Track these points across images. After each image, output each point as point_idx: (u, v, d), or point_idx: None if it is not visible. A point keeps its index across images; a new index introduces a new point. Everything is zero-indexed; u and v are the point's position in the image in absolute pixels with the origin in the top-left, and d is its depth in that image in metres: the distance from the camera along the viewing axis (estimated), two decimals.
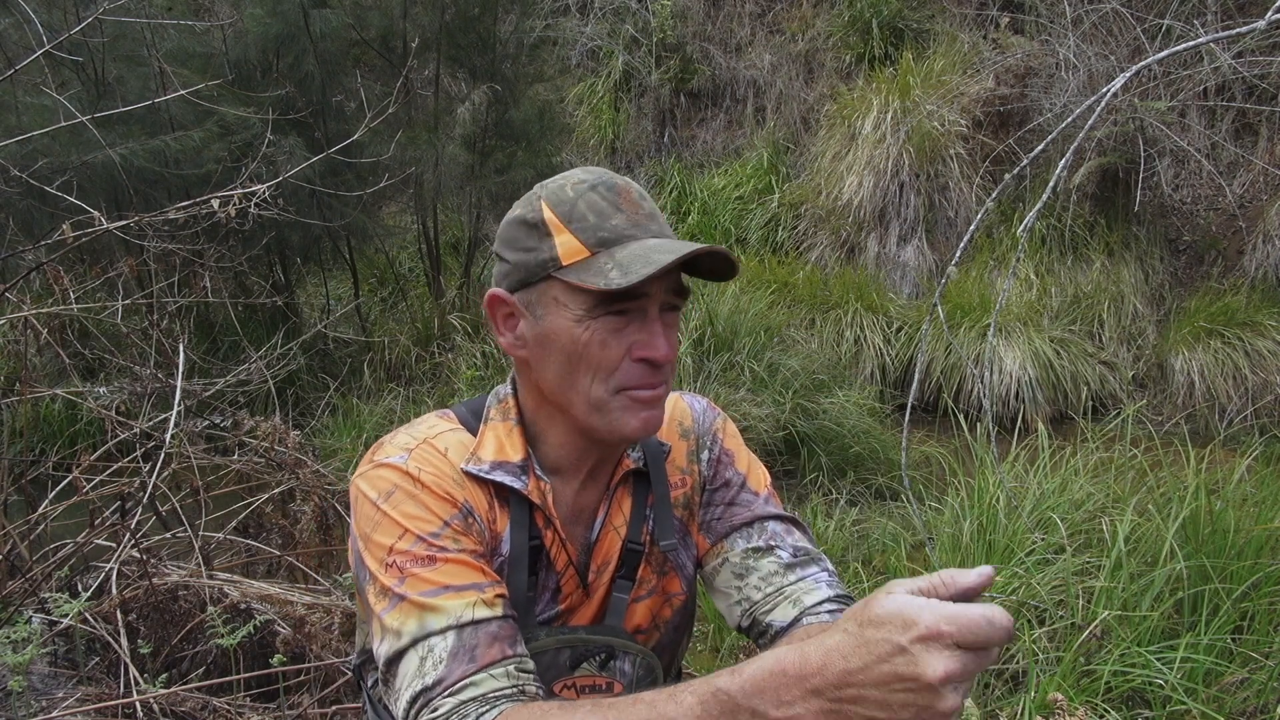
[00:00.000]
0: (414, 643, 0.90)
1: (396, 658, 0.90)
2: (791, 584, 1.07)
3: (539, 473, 1.06)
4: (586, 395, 0.97)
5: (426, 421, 1.08)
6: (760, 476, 1.17)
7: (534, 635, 1.02)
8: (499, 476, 1.02)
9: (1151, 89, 6.05)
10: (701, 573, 1.16)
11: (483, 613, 0.91)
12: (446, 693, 0.86)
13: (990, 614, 0.60)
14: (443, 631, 0.89)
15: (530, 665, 0.93)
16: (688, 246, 0.92)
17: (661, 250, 0.91)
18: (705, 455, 1.16)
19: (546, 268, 0.96)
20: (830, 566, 1.12)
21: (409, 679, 0.89)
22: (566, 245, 0.95)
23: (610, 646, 1.06)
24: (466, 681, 0.87)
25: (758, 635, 1.08)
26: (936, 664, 0.60)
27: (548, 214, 0.97)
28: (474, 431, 1.07)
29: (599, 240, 0.94)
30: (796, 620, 1.04)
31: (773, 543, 1.10)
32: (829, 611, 1.04)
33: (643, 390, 0.97)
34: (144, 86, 4.81)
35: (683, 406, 1.19)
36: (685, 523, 1.14)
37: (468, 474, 1.02)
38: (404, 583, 0.92)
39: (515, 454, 1.05)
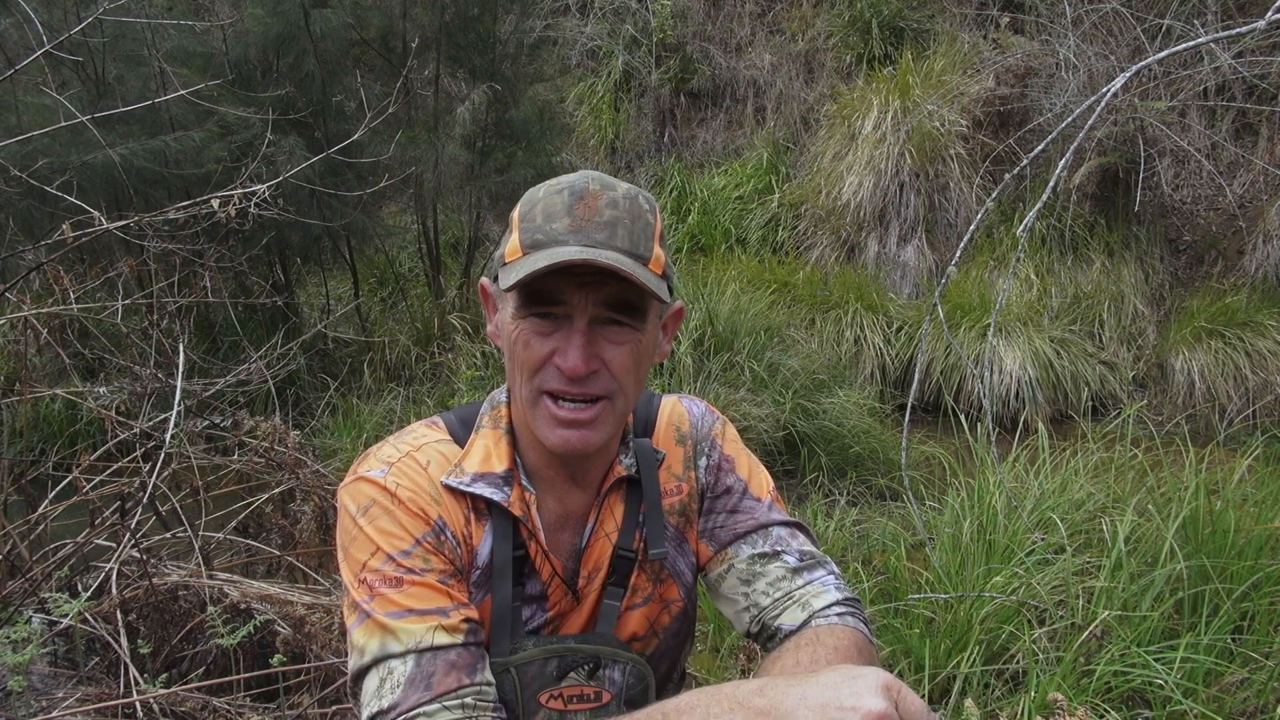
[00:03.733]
0: (375, 663, 0.93)
1: (360, 675, 0.94)
2: (799, 588, 1.07)
3: (524, 482, 1.05)
4: (519, 391, 1.00)
5: (414, 432, 1.09)
6: (763, 482, 1.16)
7: (521, 645, 1.02)
8: (480, 489, 1.03)
9: (1151, 89, 6.05)
10: (706, 580, 1.15)
11: (442, 639, 0.93)
12: (400, 718, 0.89)
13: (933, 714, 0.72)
14: (402, 655, 0.92)
15: (490, 694, 0.95)
16: (587, 256, 0.89)
17: (566, 257, 0.90)
18: (703, 462, 1.15)
19: (498, 263, 0.99)
20: (836, 569, 1.12)
21: (369, 697, 0.92)
22: (511, 244, 0.97)
23: (598, 655, 1.05)
24: (418, 711, 0.90)
25: (766, 639, 1.08)
26: (881, 703, 0.70)
27: (515, 211, 0.99)
28: (462, 442, 1.07)
29: (533, 242, 0.94)
30: (806, 623, 1.04)
31: (778, 548, 1.10)
32: (837, 614, 1.05)
33: (559, 404, 0.97)
34: (144, 86, 4.81)
35: (680, 411, 1.18)
36: (682, 530, 1.13)
37: (447, 487, 1.02)
38: (372, 600, 0.95)
39: (500, 464, 1.05)
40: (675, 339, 4.91)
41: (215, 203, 2.60)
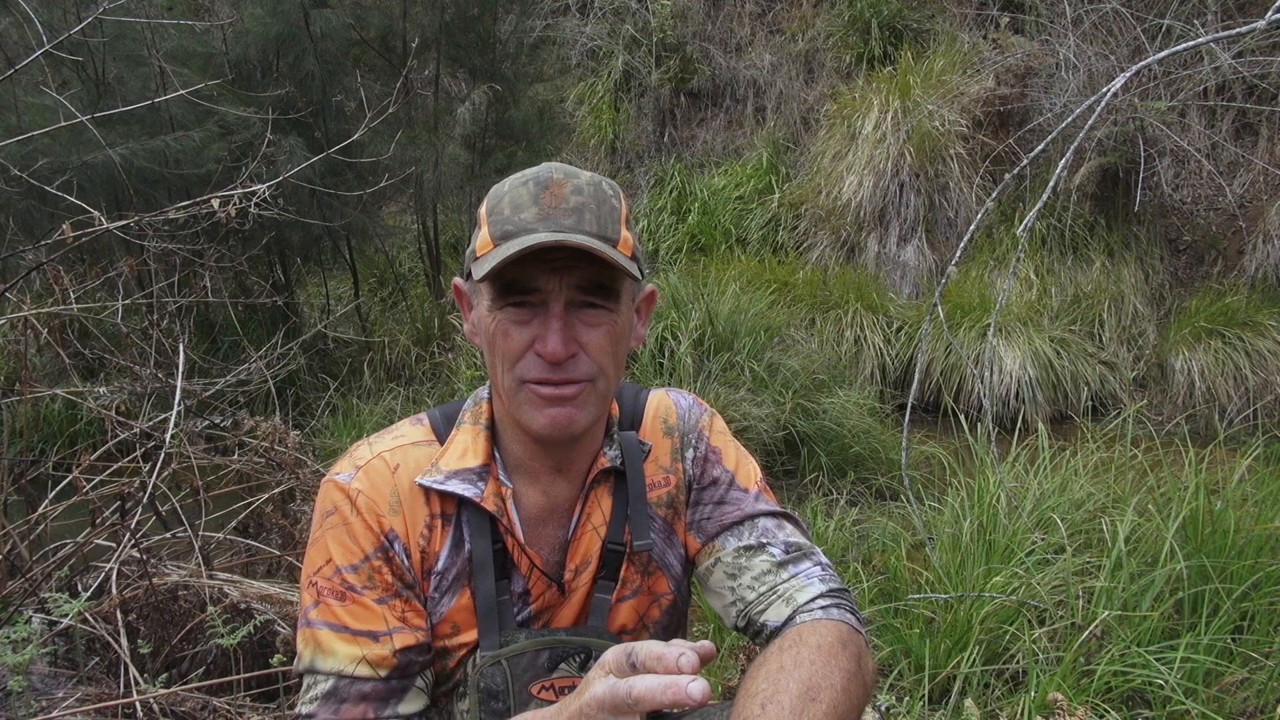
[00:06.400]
0: (307, 671, 1.00)
1: (300, 676, 1.01)
2: (784, 581, 1.07)
3: (501, 476, 1.06)
4: (501, 384, 1.01)
5: (395, 430, 1.11)
6: (750, 472, 1.16)
7: (513, 638, 1.03)
8: (454, 487, 1.04)
9: (1151, 89, 6.05)
10: (695, 573, 1.16)
11: (364, 671, 0.98)
12: None
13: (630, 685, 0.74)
14: (326, 674, 0.98)
15: None
16: (558, 239, 0.91)
17: (534, 243, 0.91)
18: (690, 453, 1.15)
19: (470, 258, 1.00)
20: (824, 560, 1.11)
21: (303, 696, 1.00)
22: (481, 237, 0.98)
23: (589, 647, 1.06)
24: None
25: (753, 635, 1.08)
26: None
27: (483, 207, 1.00)
28: (443, 438, 1.09)
29: (502, 233, 0.95)
30: (790, 619, 1.04)
31: (764, 540, 1.09)
32: (821, 608, 1.04)
33: (542, 386, 0.98)
34: (144, 86, 4.81)
35: (668, 403, 1.18)
36: (670, 522, 1.13)
37: (422, 487, 1.04)
38: (316, 607, 1.00)
39: (476, 459, 1.06)
40: (674, 338, 4.92)
41: (215, 203, 2.60)
